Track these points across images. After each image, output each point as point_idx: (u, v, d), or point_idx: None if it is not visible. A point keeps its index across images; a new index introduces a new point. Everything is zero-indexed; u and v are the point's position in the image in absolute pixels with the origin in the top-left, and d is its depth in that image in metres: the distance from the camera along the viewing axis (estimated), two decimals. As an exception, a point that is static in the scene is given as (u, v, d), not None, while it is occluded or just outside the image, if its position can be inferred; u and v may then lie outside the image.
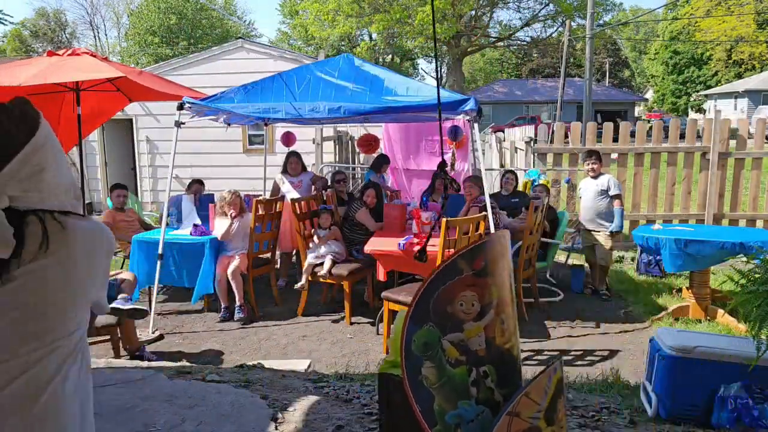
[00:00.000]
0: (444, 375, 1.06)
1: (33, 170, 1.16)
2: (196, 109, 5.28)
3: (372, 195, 5.73)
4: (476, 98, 4.91)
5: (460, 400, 1.06)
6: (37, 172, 1.17)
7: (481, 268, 1.08)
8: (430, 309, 1.06)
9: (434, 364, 1.06)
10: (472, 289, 1.09)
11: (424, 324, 1.06)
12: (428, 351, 1.06)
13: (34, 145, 1.17)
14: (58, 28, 46.25)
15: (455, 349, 1.07)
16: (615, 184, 5.86)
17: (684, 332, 3.32)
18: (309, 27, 29.84)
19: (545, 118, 32.69)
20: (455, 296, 1.07)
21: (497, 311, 1.12)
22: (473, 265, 1.09)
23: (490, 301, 1.10)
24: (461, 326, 1.08)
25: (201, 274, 5.34)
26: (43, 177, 1.18)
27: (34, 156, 1.17)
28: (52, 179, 1.20)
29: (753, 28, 32.91)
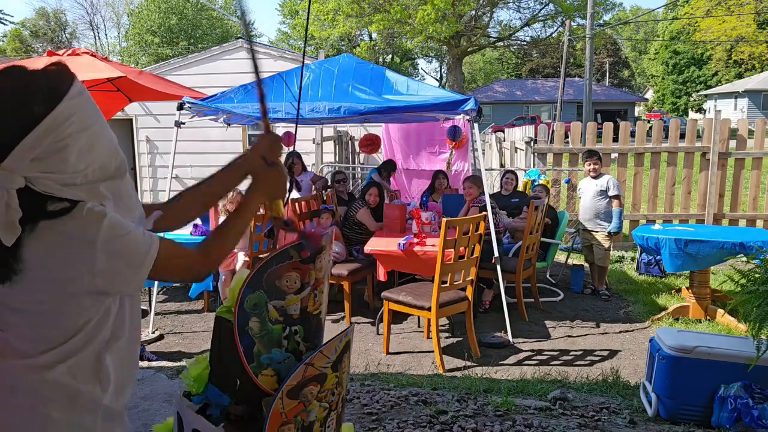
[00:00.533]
0: (265, 329, 1.46)
1: (53, 148, 1.02)
2: (196, 109, 5.28)
3: (375, 194, 5.73)
4: (476, 98, 4.91)
5: (273, 347, 1.47)
6: (58, 150, 1.03)
7: (306, 257, 1.48)
8: (263, 280, 1.45)
9: (259, 320, 1.45)
10: (296, 271, 1.48)
11: (257, 290, 1.45)
12: (256, 310, 1.45)
13: (57, 117, 1.02)
14: (58, 28, 46.26)
15: (276, 312, 1.47)
16: (615, 184, 5.86)
17: (684, 332, 3.32)
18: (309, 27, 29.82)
19: (545, 118, 32.70)
20: (283, 274, 1.47)
21: (312, 288, 1.52)
22: (301, 254, 1.48)
23: (308, 280, 1.50)
24: (284, 296, 1.47)
25: None
26: (66, 157, 1.04)
27: (55, 130, 1.02)
28: (79, 158, 1.06)
29: (753, 28, 32.89)
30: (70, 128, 1.04)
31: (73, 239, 1.07)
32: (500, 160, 11.08)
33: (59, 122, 1.03)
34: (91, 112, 1.10)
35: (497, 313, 5.23)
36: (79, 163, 1.06)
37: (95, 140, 1.10)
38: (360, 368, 4.15)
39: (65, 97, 1.04)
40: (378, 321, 4.95)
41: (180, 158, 9.26)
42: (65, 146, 1.04)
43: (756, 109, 32.46)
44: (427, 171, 8.29)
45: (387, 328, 4.49)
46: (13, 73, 1.05)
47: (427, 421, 2.93)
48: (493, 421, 2.94)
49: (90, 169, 1.08)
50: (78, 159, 1.06)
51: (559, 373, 4.03)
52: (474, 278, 4.48)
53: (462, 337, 4.78)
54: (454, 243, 4.14)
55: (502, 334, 4.80)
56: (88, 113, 1.09)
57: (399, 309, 4.45)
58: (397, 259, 4.86)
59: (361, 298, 5.81)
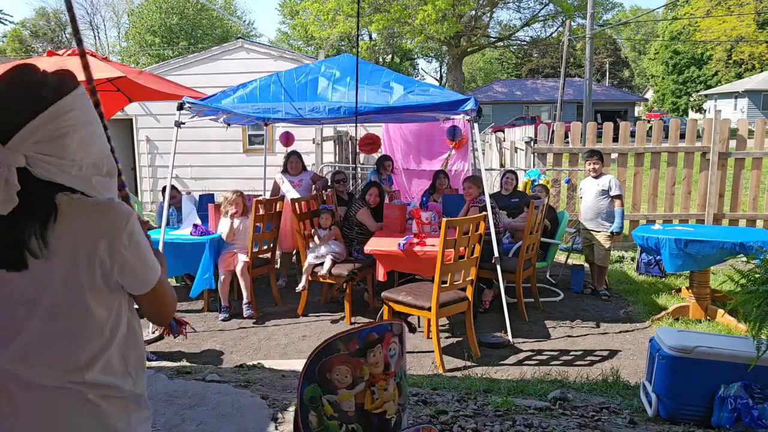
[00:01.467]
0: (322, 424, 1.42)
1: (55, 133, 1.14)
2: (196, 109, 5.27)
3: (375, 194, 5.73)
4: (476, 98, 4.91)
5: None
6: (59, 136, 1.15)
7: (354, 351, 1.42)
8: (316, 372, 1.41)
9: (317, 413, 1.42)
10: (346, 365, 1.42)
11: (312, 382, 1.41)
12: (313, 403, 1.41)
13: (60, 108, 1.15)
14: (58, 28, 46.25)
15: (331, 407, 1.42)
16: (616, 184, 5.86)
17: (684, 332, 3.32)
18: (309, 27, 29.84)
19: (545, 118, 32.69)
20: (333, 367, 1.41)
21: (368, 384, 1.45)
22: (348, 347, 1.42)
23: (361, 375, 1.42)
24: (336, 391, 1.42)
25: (200, 268, 5.34)
26: (66, 143, 1.15)
27: (57, 119, 1.14)
28: (76, 147, 1.17)
29: (753, 28, 32.85)
30: (72, 119, 1.17)
31: (101, 228, 1.18)
32: (500, 160, 11.08)
33: (64, 111, 1.15)
34: (91, 114, 1.23)
35: (497, 313, 5.23)
36: (76, 152, 1.17)
37: (93, 138, 1.22)
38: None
39: (71, 93, 1.18)
40: (378, 321, 4.95)
41: (180, 158, 9.27)
42: (66, 133, 1.15)
43: (756, 109, 32.46)
44: (427, 171, 8.30)
45: (387, 328, 4.48)
46: (28, 68, 1.19)
47: (427, 421, 2.93)
48: (493, 421, 2.94)
49: (84, 162, 1.19)
50: (76, 149, 1.17)
51: (559, 373, 4.03)
52: (474, 278, 4.48)
53: (462, 337, 4.78)
54: (454, 243, 4.14)
55: (502, 334, 4.80)
56: (89, 113, 1.22)
57: (399, 309, 4.45)
58: (397, 259, 4.86)
59: (361, 298, 5.81)
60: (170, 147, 5.41)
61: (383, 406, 1.47)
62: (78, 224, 1.17)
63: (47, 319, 1.17)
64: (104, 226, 1.18)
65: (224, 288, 5.43)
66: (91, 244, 1.17)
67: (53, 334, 1.18)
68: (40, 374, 1.18)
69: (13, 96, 1.14)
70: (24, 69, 1.19)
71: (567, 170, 7.78)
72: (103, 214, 1.19)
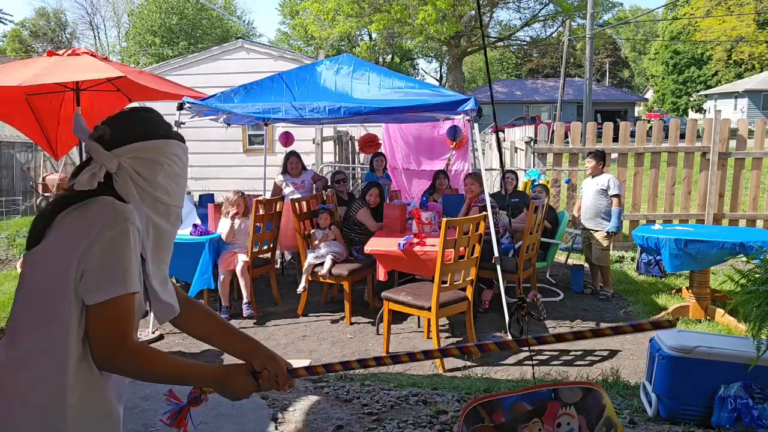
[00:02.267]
0: None
1: (153, 159, 1.29)
2: (196, 109, 5.27)
3: (375, 194, 5.73)
4: (476, 98, 4.91)
5: None
6: (156, 163, 1.29)
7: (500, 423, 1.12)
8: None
9: None
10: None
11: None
12: None
13: (168, 145, 1.33)
14: (58, 28, 46.24)
15: None
16: (615, 183, 5.86)
17: (684, 332, 3.32)
18: (309, 27, 29.83)
19: (545, 118, 32.69)
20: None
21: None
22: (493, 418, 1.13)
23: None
24: None
25: (199, 268, 5.33)
26: (157, 172, 1.29)
27: (162, 151, 1.31)
28: (162, 183, 1.30)
29: (753, 28, 32.85)
30: (171, 161, 1.33)
31: (93, 219, 1.20)
32: (500, 160, 11.07)
33: (167, 150, 1.32)
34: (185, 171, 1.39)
35: (497, 313, 5.23)
36: (159, 187, 1.29)
37: (178, 187, 1.35)
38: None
39: (183, 144, 1.38)
40: (378, 321, 4.95)
41: (180, 158, 9.23)
42: (161, 165, 1.30)
43: (756, 109, 32.44)
44: (427, 171, 8.30)
45: (387, 328, 4.48)
46: (155, 113, 1.41)
47: (427, 421, 2.93)
48: (493, 421, 2.93)
49: (161, 201, 1.30)
50: (161, 184, 1.30)
51: (559, 373, 4.03)
52: (474, 278, 4.48)
53: (462, 337, 4.78)
54: (454, 243, 4.14)
55: (502, 334, 4.80)
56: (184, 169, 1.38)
57: (399, 309, 4.45)
58: (397, 259, 4.86)
59: (361, 298, 5.81)
60: (170, 147, 5.40)
61: None
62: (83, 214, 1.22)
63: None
64: (96, 219, 1.21)
65: (224, 288, 5.43)
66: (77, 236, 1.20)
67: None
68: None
69: (137, 118, 1.34)
70: (153, 110, 1.41)
71: (567, 170, 7.78)
72: (104, 210, 1.22)
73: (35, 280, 1.20)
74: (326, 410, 3.04)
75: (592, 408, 1.22)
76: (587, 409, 1.22)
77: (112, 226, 1.18)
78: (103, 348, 1.17)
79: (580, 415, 1.20)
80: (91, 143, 1.27)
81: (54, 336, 1.17)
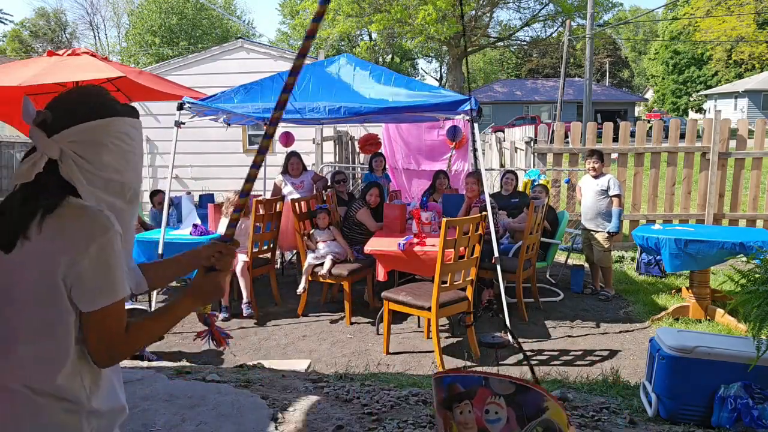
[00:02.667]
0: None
1: (94, 141, 1.23)
2: (196, 109, 5.28)
3: (375, 194, 5.73)
4: (476, 98, 4.91)
5: None
6: (98, 144, 1.23)
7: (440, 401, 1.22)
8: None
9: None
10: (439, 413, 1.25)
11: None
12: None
13: (112, 124, 1.25)
14: (58, 28, 46.25)
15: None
16: (615, 183, 5.86)
17: (684, 332, 3.32)
18: (309, 27, 29.79)
19: (545, 118, 32.69)
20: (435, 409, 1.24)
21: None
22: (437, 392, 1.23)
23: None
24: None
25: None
26: (101, 153, 1.23)
27: (105, 130, 1.24)
28: (108, 163, 1.24)
29: (753, 28, 32.85)
30: (117, 138, 1.26)
31: (75, 231, 1.17)
32: (500, 160, 11.08)
33: (111, 128, 1.25)
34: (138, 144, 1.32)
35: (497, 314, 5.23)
36: (107, 167, 1.24)
37: (129, 164, 1.29)
38: (360, 368, 4.15)
39: (126, 118, 1.29)
40: (378, 321, 4.95)
41: (180, 158, 9.24)
42: (104, 145, 1.24)
43: (756, 109, 32.44)
44: (427, 171, 8.29)
45: (387, 328, 4.49)
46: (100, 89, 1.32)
47: (427, 421, 2.93)
48: (493, 421, 2.93)
49: (112, 180, 1.25)
50: (108, 164, 1.24)
51: (559, 373, 4.03)
52: (474, 278, 4.48)
53: (462, 337, 4.78)
54: (454, 243, 4.14)
55: (502, 334, 4.80)
56: (136, 146, 1.31)
57: (399, 309, 4.45)
58: (397, 259, 4.86)
59: (361, 298, 5.81)
60: (170, 147, 5.40)
61: None
62: (62, 225, 1.17)
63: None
64: (79, 232, 1.17)
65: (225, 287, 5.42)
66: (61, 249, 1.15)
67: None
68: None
69: (78, 100, 1.26)
70: (98, 87, 1.32)
71: (567, 170, 7.78)
72: (83, 220, 1.18)
73: (21, 290, 1.17)
74: (326, 410, 3.04)
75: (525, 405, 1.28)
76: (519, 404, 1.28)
77: (95, 239, 1.16)
78: (101, 351, 1.21)
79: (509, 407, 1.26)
80: (33, 129, 1.22)
81: (57, 341, 1.18)
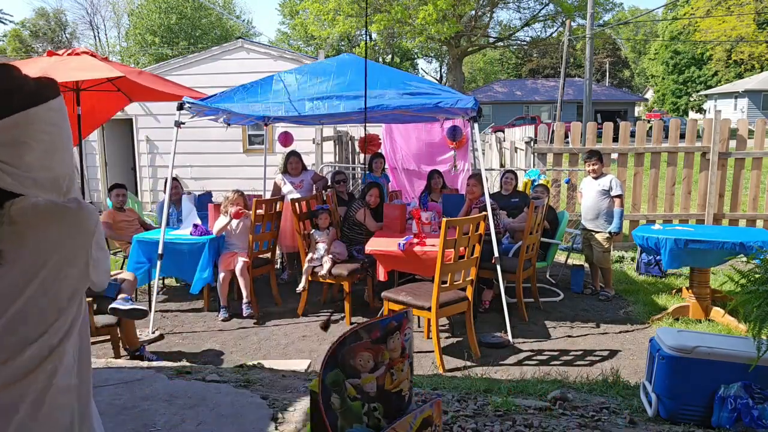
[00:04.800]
0: (345, 405, 1.56)
1: (14, 141, 1.08)
2: (196, 109, 5.27)
3: (375, 194, 5.73)
4: (476, 98, 4.90)
5: (355, 423, 1.59)
6: (18, 144, 1.08)
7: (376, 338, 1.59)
8: (338, 359, 1.55)
9: (339, 396, 1.55)
10: (369, 351, 1.59)
11: (334, 368, 1.54)
12: (336, 387, 1.55)
13: (29, 116, 1.09)
14: (58, 28, 46.24)
15: (354, 390, 1.58)
16: (617, 184, 5.85)
17: (684, 332, 3.32)
18: (309, 27, 29.84)
19: (545, 118, 32.69)
20: (356, 354, 1.57)
21: (388, 367, 1.64)
22: (371, 335, 1.58)
23: (382, 360, 1.61)
24: (359, 375, 1.58)
25: (200, 265, 5.33)
26: (23, 153, 1.09)
27: (22, 127, 1.08)
28: (35, 160, 1.11)
29: (753, 28, 32.85)
30: (38, 132, 1.11)
31: (73, 228, 1.14)
32: (500, 160, 11.08)
33: (31, 121, 1.09)
34: (62, 130, 1.16)
35: (497, 313, 5.23)
36: (32, 165, 1.11)
37: (57, 153, 1.15)
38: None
39: (45, 104, 1.12)
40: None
41: (180, 158, 9.27)
42: (25, 143, 1.09)
43: (756, 109, 32.45)
44: (427, 171, 8.29)
45: (387, 328, 4.48)
46: (7, 70, 1.12)
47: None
48: (493, 421, 2.93)
49: (42, 175, 1.12)
50: (33, 161, 1.10)
51: (559, 373, 4.03)
52: (474, 278, 4.48)
53: (462, 337, 4.78)
54: (454, 243, 4.14)
55: (502, 334, 4.80)
56: (60, 128, 1.15)
57: (399, 309, 4.44)
58: (397, 259, 4.86)
59: (361, 298, 5.81)
60: (170, 147, 5.40)
61: (400, 385, 1.69)
62: (45, 228, 1.10)
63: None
64: (76, 228, 1.14)
65: (224, 288, 5.43)
66: (61, 249, 1.11)
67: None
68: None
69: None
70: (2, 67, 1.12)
71: (567, 170, 7.78)
72: (74, 217, 1.14)
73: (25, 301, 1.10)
74: (326, 410, 3.04)
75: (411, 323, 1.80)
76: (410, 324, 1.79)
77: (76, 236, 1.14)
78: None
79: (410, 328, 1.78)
80: None
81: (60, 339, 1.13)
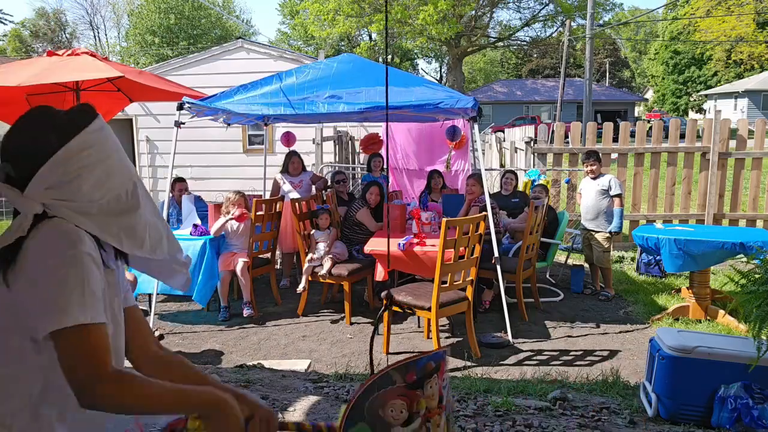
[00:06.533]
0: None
1: (65, 178, 1.10)
2: (195, 109, 5.27)
3: (375, 193, 5.73)
4: (476, 98, 4.90)
5: None
6: (70, 180, 1.10)
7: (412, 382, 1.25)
8: (365, 409, 1.21)
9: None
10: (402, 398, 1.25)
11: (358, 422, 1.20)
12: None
13: (69, 150, 1.11)
14: (58, 28, 46.24)
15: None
16: (616, 183, 5.85)
17: (684, 332, 3.32)
18: (309, 27, 29.84)
19: (545, 118, 32.69)
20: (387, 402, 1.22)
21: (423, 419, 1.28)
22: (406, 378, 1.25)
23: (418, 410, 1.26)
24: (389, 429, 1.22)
25: (202, 274, 5.31)
26: (79, 186, 1.11)
27: (66, 163, 1.10)
28: (92, 188, 1.12)
29: (753, 28, 32.82)
30: (84, 160, 1.12)
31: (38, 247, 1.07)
32: (500, 161, 11.08)
33: (73, 154, 1.11)
34: (108, 146, 1.18)
35: (497, 313, 5.23)
36: (93, 193, 1.13)
37: (111, 173, 1.16)
38: (360, 368, 4.15)
39: (83, 131, 1.13)
40: (378, 321, 4.95)
41: (180, 158, 9.25)
42: (78, 176, 1.11)
43: (756, 109, 32.44)
44: (427, 171, 8.29)
45: (387, 328, 4.48)
46: (38, 111, 1.16)
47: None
48: (493, 421, 2.94)
49: (105, 199, 1.14)
50: (92, 189, 1.13)
51: (559, 373, 4.03)
52: (474, 278, 4.48)
53: (462, 337, 4.78)
54: (454, 243, 4.13)
55: (502, 334, 4.80)
56: (105, 146, 1.17)
57: (399, 309, 4.45)
58: (397, 259, 4.86)
59: (361, 298, 5.81)
60: (170, 147, 5.40)
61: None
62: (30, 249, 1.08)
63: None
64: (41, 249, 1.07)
65: (224, 288, 5.42)
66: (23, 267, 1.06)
67: None
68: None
69: (21, 143, 1.12)
70: (34, 112, 1.15)
71: (567, 170, 7.78)
72: (44, 237, 1.08)
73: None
74: (326, 410, 3.04)
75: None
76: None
77: (55, 255, 1.06)
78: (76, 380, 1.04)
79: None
80: (3, 188, 1.11)
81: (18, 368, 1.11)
